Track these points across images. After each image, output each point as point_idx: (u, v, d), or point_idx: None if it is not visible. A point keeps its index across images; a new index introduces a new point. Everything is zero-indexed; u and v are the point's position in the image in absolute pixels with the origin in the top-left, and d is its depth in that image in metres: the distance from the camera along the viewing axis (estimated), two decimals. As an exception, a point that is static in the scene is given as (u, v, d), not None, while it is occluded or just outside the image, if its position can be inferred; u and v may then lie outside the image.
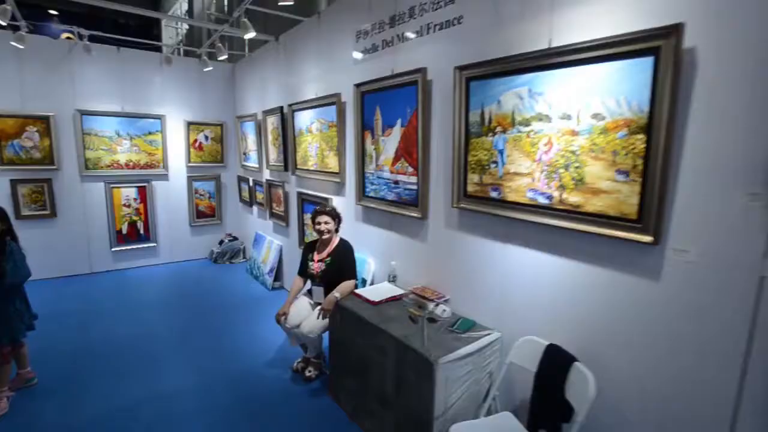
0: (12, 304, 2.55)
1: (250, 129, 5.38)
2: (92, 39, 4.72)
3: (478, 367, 2.10)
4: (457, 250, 2.47)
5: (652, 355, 1.62)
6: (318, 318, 2.68)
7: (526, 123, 1.98)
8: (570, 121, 1.80)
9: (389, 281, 2.92)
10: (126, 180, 5.36)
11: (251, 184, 5.53)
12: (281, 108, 4.36)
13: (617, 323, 1.73)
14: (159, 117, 5.46)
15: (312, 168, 3.93)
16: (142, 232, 5.56)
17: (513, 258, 2.15)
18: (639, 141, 1.58)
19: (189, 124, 5.68)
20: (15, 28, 4.27)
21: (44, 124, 4.78)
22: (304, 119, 3.95)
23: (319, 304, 2.91)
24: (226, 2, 7.80)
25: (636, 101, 1.58)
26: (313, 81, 3.81)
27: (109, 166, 5.23)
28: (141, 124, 5.37)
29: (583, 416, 1.58)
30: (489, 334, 2.17)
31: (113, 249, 5.39)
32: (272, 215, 4.99)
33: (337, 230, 2.98)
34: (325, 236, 2.90)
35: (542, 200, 1.95)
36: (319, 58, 3.71)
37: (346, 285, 2.75)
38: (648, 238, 1.58)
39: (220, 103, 5.93)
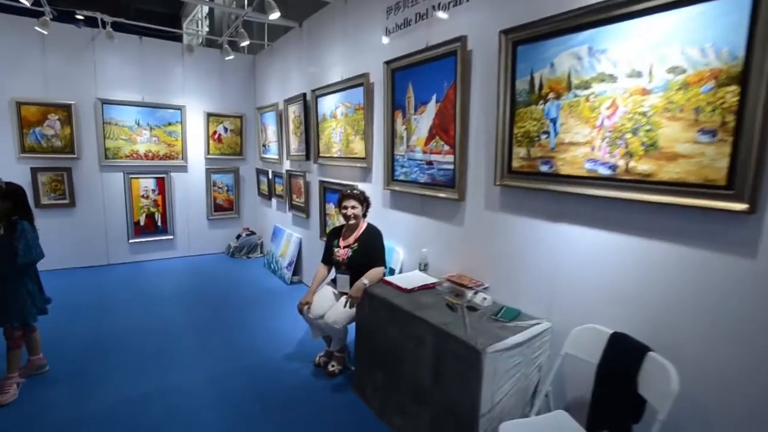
0: (24, 286, 2.44)
1: (270, 120, 5.27)
2: (114, 27, 4.68)
3: (527, 359, 1.88)
4: (498, 232, 2.26)
5: (741, 348, 1.38)
6: (345, 307, 2.49)
7: (585, 86, 1.77)
8: (640, 79, 1.59)
9: (420, 270, 2.71)
10: (145, 171, 5.29)
11: (270, 176, 5.41)
12: (304, 95, 4.23)
13: (697, 308, 1.49)
14: (179, 108, 5.39)
15: (336, 155, 3.77)
16: (159, 224, 5.48)
17: (566, 238, 1.93)
18: (730, 94, 1.36)
19: (208, 115, 5.61)
20: (39, 14, 4.24)
21: (66, 112, 4.74)
22: (328, 104, 3.80)
23: (345, 293, 2.73)
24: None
25: (727, 47, 1.36)
26: (338, 64, 3.66)
27: (128, 156, 5.17)
28: (161, 115, 5.30)
29: (665, 414, 1.35)
30: (538, 324, 1.95)
31: (131, 241, 5.32)
32: (292, 207, 4.84)
33: (364, 215, 2.80)
34: (352, 221, 2.72)
35: (603, 171, 1.74)
36: (345, 39, 3.57)
37: (375, 272, 2.56)
38: (741, 206, 1.35)
39: (241, 95, 5.85)
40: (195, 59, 5.42)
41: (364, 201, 2.75)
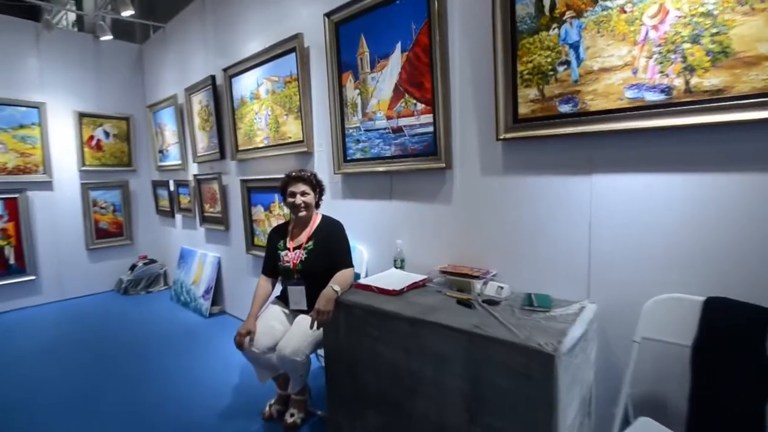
0: None
1: (167, 118, 4.28)
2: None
3: (586, 356, 1.38)
4: (502, 202, 1.77)
5: None
6: (312, 329, 1.74)
7: (617, -7, 1.39)
8: (697, -30, 1.24)
9: (396, 267, 2.11)
10: (-15, 190, 3.88)
11: (172, 187, 4.37)
12: (212, 79, 3.41)
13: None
14: (36, 106, 4.11)
15: (262, 144, 3.02)
16: (12, 261, 4.04)
17: (601, 192, 1.51)
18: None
19: (81, 116, 4.38)
20: None
21: None
22: (247, 84, 3.06)
23: (301, 311, 2.00)
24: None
25: None
26: (258, 33, 2.96)
27: (-45, 171, 3.74)
28: (8, 114, 3.97)
29: None
30: (583, 307, 1.48)
31: (-34, 288, 3.81)
32: (204, 220, 3.89)
33: (317, 205, 2.12)
34: (303, 213, 2.02)
35: (653, 97, 1.35)
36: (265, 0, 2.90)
37: (344, 275, 1.89)
38: None
39: (125, 92, 4.72)
40: (58, 44, 4.21)
41: (316, 186, 2.08)
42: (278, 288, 2.20)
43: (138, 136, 4.81)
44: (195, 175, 3.87)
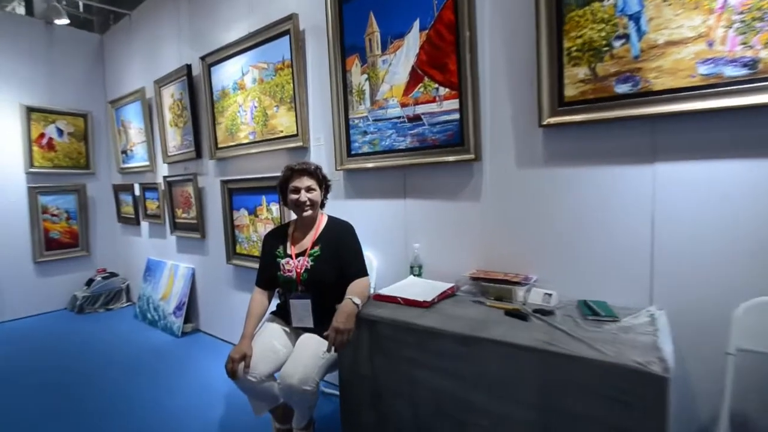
0: None
1: (133, 114, 3.84)
2: None
3: (669, 375, 1.16)
4: (544, 197, 1.56)
5: None
6: (329, 351, 1.42)
7: (688, -45, 1.22)
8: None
9: (414, 275, 1.85)
10: None
11: (138, 191, 3.91)
12: (188, 69, 3.05)
13: None
14: (-27, 98, 3.57)
15: (247, 140, 2.69)
16: (-59, 278, 3.44)
17: (666, 183, 1.32)
18: None
19: (30, 110, 3.86)
20: None
21: None
22: (230, 73, 2.73)
23: (306, 329, 1.69)
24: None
25: None
26: (243, 16, 2.65)
27: None
28: (-62, 107, 3.42)
29: None
30: (652, 316, 1.27)
31: None
32: (176, 228, 3.47)
33: (322, 204, 1.83)
34: (308, 212, 1.72)
35: (733, 72, 1.18)
36: (251, -19, 2.60)
37: (361, 286, 1.61)
38: None
39: (83, 87, 4.23)
40: (4, 29, 3.70)
41: (323, 181, 1.79)
42: (273, 301, 1.89)
43: (97, 135, 4.32)
44: (165, 177, 3.45)
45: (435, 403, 1.26)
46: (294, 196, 1.70)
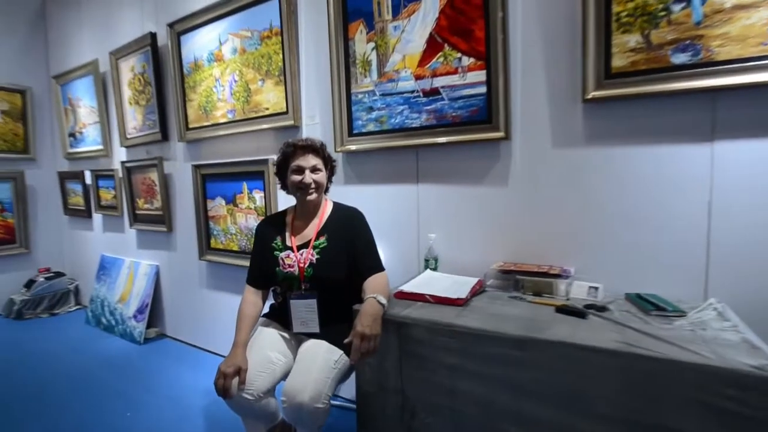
0: None
1: (83, 90, 3.36)
2: None
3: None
4: (584, 180, 1.40)
5: None
6: (335, 361, 1.18)
7: None
8: None
9: (430, 269, 1.65)
10: None
11: (90, 179, 3.44)
12: (152, 38, 2.67)
13: None
14: None
15: (225, 119, 2.37)
16: None
17: (732, 163, 1.20)
18: None
19: (-48, 83, 3.29)
20: None
21: None
22: (205, 42, 2.39)
23: (310, 334, 1.44)
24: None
25: None
26: (220, -23, 2.32)
27: None
28: None
29: None
30: (716, 310, 1.14)
31: None
32: (137, 220, 3.06)
33: (326, 189, 1.58)
34: (312, 196, 1.47)
35: (812, 39, 1.07)
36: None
37: (381, 282, 1.38)
38: None
39: (19, 59, 3.67)
40: None
41: (328, 161, 1.54)
42: (267, 305, 1.62)
43: (39, 115, 3.77)
44: (124, 163, 3.03)
45: (483, 418, 1.07)
46: (297, 177, 1.44)
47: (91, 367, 2.54)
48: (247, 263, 2.26)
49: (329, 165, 1.54)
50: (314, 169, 1.45)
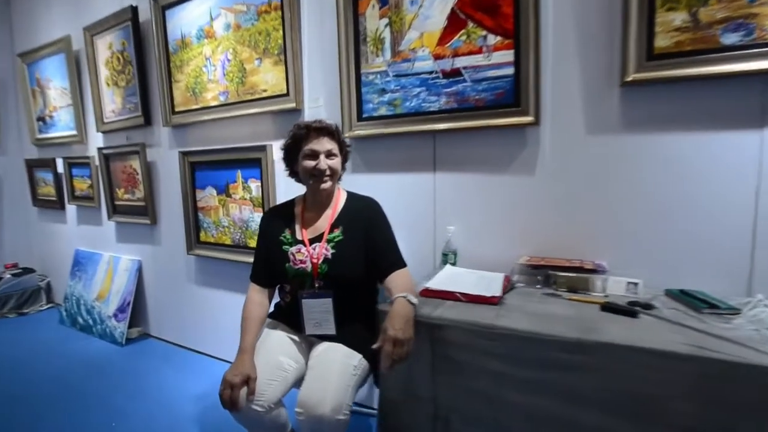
0: None
1: (54, 70, 3.08)
2: None
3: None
4: (620, 169, 1.32)
5: None
6: (354, 367, 1.07)
7: None
8: None
9: (450, 263, 1.54)
10: None
11: (63, 167, 3.17)
12: (132, 11, 2.44)
13: None
14: None
15: (216, 102, 2.19)
16: None
17: (781, 153, 1.13)
18: None
19: None
20: None
21: None
22: (193, 17, 2.19)
23: (327, 337, 1.31)
24: None
25: None
26: (211, -55, 2.12)
27: None
28: None
29: None
30: (766, 306, 1.08)
31: None
32: (116, 212, 2.84)
33: (339, 177, 1.44)
34: (327, 184, 1.33)
35: None
36: None
37: (407, 279, 1.26)
38: None
39: (-21, 33, 3.34)
40: None
41: (343, 146, 1.40)
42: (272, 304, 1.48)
43: (2, 97, 3.45)
44: (101, 150, 2.80)
45: (531, 430, 0.97)
46: (310, 163, 1.30)
47: (68, 371, 2.33)
48: (241, 258, 2.16)
49: (344, 150, 1.40)
50: (329, 154, 1.31)
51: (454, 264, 1.55)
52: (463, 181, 1.57)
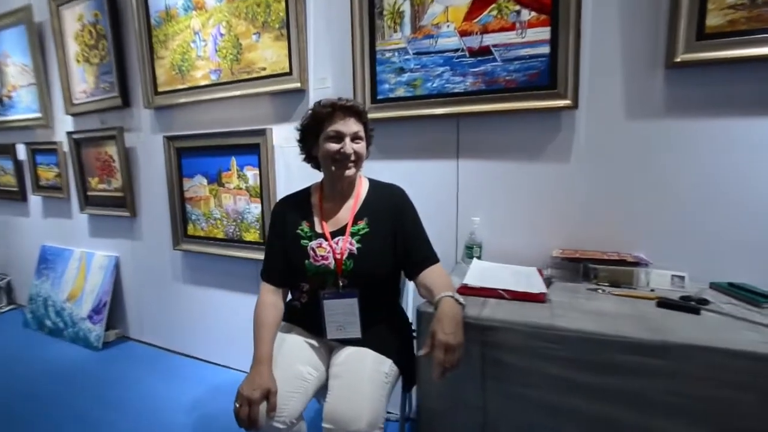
0: None
1: (12, 45, 2.76)
2: None
3: None
4: (663, 157, 1.25)
5: None
6: (386, 374, 0.97)
7: None
8: None
9: (475, 257, 1.44)
10: None
11: (25, 154, 2.87)
12: (105, -21, 2.18)
13: None
14: None
15: (207, 81, 1.99)
16: None
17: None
18: None
19: None
20: None
21: None
22: (180, -14, 1.98)
23: (353, 341, 1.18)
24: None
25: None
26: None
27: None
28: None
29: None
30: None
31: None
32: (89, 203, 2.58)
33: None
34: (351, 171, 1.19)
35: None
36: None
37: (444, 276, 1.14)
38: None
39: None
40: None
41: (367, 129, 1.25)
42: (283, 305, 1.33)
43: (-50, 75, 3.07)
44: (70, 134, 2.52)
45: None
46: (334, 146, 1.15)
47: (35, 380, 2.10)
48: (236, 253, 1.99)
49: (368, 134, 1.26)
50: (355, 137, 1.17)
51: (479, 258, 1.45)
52: (489, 168, 1.47)
